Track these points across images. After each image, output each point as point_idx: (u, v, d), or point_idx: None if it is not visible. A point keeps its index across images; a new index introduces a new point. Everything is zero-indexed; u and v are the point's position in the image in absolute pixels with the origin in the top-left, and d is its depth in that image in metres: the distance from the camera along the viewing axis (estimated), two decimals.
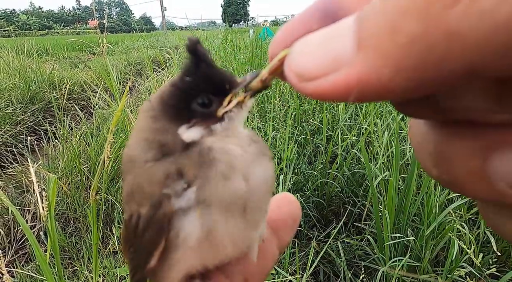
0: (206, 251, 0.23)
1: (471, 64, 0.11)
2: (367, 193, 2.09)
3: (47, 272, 0.74)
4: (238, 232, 0.24)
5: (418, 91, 0.12)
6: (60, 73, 4.88)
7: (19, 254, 1.91)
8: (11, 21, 67.02)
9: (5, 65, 4.54)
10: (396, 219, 1.57)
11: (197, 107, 0.24)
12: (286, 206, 0.30)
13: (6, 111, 3.55)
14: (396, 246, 1.52)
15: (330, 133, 2.69)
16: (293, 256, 1.69)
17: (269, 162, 0.26)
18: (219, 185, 0.22)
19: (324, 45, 0.14)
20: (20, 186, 2.32)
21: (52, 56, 7.76)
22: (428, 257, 1.32)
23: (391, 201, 1.44)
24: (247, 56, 4.43)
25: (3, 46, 6.38)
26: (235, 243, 0.24)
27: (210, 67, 0.24)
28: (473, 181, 0.14)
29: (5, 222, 2.02)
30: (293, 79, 0.15)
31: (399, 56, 0.11)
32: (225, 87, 0.24)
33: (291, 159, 2.13)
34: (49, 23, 76.50)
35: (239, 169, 0.23)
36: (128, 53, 8.39)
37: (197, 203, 0.22)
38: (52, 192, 0.67)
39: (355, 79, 0.12)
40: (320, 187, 2.29)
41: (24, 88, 4.10)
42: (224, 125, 0.24)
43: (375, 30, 0.12)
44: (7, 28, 34.98)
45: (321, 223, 2.18)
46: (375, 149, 2.24)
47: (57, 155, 2.43)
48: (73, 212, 2.07)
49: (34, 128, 3.58)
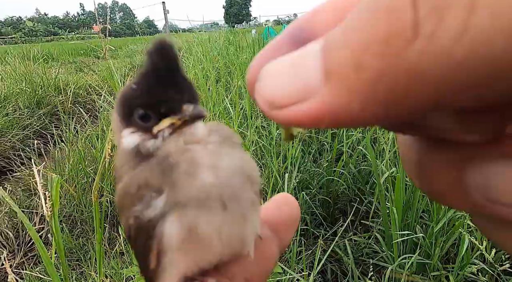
0: (193, 251, 0.23)
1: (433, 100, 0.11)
2: (373, 190, 2.06)
3: (53, 272, 0.74)
4: (223, 228, 0.23)
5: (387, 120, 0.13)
6: (65, 78, 4.95)
7: (28, 256, 1.94)
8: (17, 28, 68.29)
9: (11, 71, 4.62)
10: (404, 216, 1.55)
11: (136, 117, 0.24)
12: (285, 207, 0.30)
13: (14, 116, 3.61)
14: (404, 243, 1.49)
15: (335, 130, 2.67)
16: (300, 254, 1.67)
17: (238, 149, 0.26)
18: (185, 184, 0.22)
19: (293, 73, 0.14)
20: (28, 189, 2.35)
21: (58, 61, 7.87)
22: (438, 254, 1.30)
23: (398, 197, 1.42)
24: (250, 56, 4.42)
25: (10, 53, 6.49)
26: (222, 239, 0.23)
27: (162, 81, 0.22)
28: (452, 193, 0.15)
29: (14, 225, 2.05)
30: (264, 107, 0.15)
31: (364, 91, 0.12)
32: (160, 109, 0.23)
33: (296, 157, 2.12)
34: (54, 29, 77.74)
35: (201, 163, 0.23)
36: (132, 57, 8.46)
37: (170, 207, 0.22)
38: (56, 192, 0.67)
39: (324, 110, 0.13)
40: (326, 185, 2.27)
41: (31, 93, 4.16)
42: (156, 144, 0.24)
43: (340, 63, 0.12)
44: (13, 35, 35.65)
45: (328, 221, 2.16)
46: (381, 146, 2.21)
47: (63, 158, 2.45)
48: (80, 214, 2.09)
49: (41, 132, 3.63)
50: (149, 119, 0.24)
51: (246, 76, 0.18)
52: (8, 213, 2.10)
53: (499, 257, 1.31)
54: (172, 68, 0.23)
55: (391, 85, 0.11)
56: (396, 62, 0.11)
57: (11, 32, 58.46)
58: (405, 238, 1.40)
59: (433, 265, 1.30)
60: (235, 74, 3.49)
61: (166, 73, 0.22)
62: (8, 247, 1.92)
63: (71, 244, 1.88)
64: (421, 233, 1.46)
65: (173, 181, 0.22)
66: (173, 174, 0.22)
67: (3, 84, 4.18)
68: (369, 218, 1.88)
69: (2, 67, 5.06)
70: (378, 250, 1.65)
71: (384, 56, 0.11)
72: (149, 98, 0.23)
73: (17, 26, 72.07)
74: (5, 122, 3.42)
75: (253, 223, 0.25)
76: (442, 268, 1.32)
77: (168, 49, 0.22)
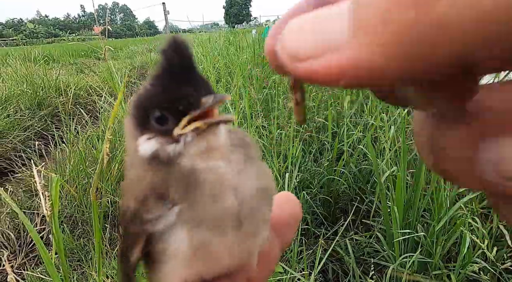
0: (200, 264, 0.23)
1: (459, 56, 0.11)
2: (374, 189, 2.05)
3: (53, 273, 0.74)
4: (234, 244, 0.23)
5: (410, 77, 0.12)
6: (66, 79, 4.96)
7: (29, 257, 1.94)
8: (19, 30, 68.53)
9: (13, 72, 4.63)
10: (405, 215, 1.54)
11: (153, 121, 0.22)
12: (287, 206, 0.29)
13: (15, 117, 3.62)
14: (406, 242, 1.49)
15: (335, 130, 2.66)
16: (300, 254, 1.67)
17: (259, 163, 0.25)
18: (207, 205, 0.22)
19: (319, 26, 0.14)
20: (29, 190, 2.36)
21: (59, 63, 7.89)
22: (439, 252, 1.29)
23: (399, 196, 1.41)
24: (250, 56, 4.42)
25: (11, 55, 6.52)
26: (232, 254, 0.23)
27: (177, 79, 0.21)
28: (465, 171, 0.14)
29: (15, 225, 2.06)
30: (286, 60, 0.15)
31: (392, 44, 0.12)
32: (177, 107, 0.22)
33: (296, 156, 2.11)
34: (55, 31, 77.99)
35: (227, 185, 0.22)
36: (133, 58, 8.48)
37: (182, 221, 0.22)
38: (55, 193, 0.67)
39: (348, 64, 0.13)
40: (326, 184, 2.26)
41: (32, 95, 4.17)
42: (177, 149, 0.22)
43: (370, 16, 0.12)
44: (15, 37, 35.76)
45: (329, 221, 2.15)
46: (382, 144, 2.21)
47: (64, 159, 2.46)
48: (81, 215, 2.09)
49: (42, 133, 3.64)
50: (166, 121, 0.22)
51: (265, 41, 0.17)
52: (10, 214, 2.11)
53: (501, 256, 1.30)
54: (187, 66, 0.22)
55: (418, 38, 0.11)
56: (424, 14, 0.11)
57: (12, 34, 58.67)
58: (406, 237, 1.39)
59: (434, 264, 1.29)
60: (235, 74, 3.49)
61: (181, 70, 0.22)
62: (10, 248, 1.93)
63: (72, 245, 1.88)
64: (422, 232, 1.46)
65: (195, 199, 0.22)
66: (196, 191, 0.22)
67: (4, 86, 4.20)
68: (370, 217, 1.88)
69: (4, 69, 5.08)
70: (379, 249, 1.65)
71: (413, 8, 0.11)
72: (164, 97, 0.22)
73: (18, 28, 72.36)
74: (6, 124, 3.43)
75: (262, 236, 0.25)
76: (443, 267, 1.31)
77: (182, 46, 0.21)
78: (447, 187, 1.43)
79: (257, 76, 3.47)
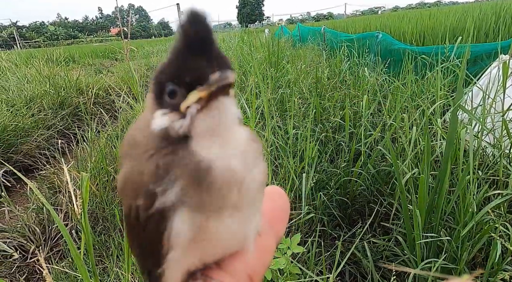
0: (200, 249, 0.23)
1: None
2: (393, 191, 2.00)
3: (81, 268, 0.76)
4: (232, 229, 0.23)
5: None
6: (86, 79, 5.12)
7: (53, 251, 2.01)
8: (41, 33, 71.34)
9: (36, 73, 4.82)
10: (427, 219, 1.49)
11: (165, 95, 0.22)
12: (278, 199, 0.30)
13: (39, 117, 3.77)
14: (428, 247, 1.44)
15: (352, 130, 2.61)
16: (317, 256, 1.65)
17: (263, 162, 0.25)
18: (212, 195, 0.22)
19: None
20: (52, 187, 2.45)
21: (78, 64, 8.15)
22: (465, 258, 1.24)
23: (422, 199, 1.37)
24: (264, 55, 4.41)
25: (34, 56, 6.79)
26: (229, 239, 0.24)
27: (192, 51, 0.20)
28: None
29: (40, 220, 2.14)
30: None
31: None
32: (185, 81, 0.21)
33: (312, 157, 2.09)
34: (74, 33, 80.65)
35: (236, 179, 0.22)
36: (148, 58, 8.64)
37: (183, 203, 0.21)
38: (85, 190, 0.69)
39: None
40: (343, 186, 2.23)
41: (54, 95, 4.33)
42: (184, 124, 0.21)
43: None
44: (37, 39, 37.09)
45: (345, 223, 2.12)
46: (401, 146, 2.15)
47: (85, 157, 2.54)
48: (102, 211, 2.15)
49: (64, 132, 3.77)
50: (176, 95, 0.21)
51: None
52: (35, 210, 2.20)
53: None
54: (204, 38, 0.20)
55: None
56: None
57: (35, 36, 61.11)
58: (428, 240, 1.35)
59: (459, 270, 1.25)
60: (249, 73, 3.50)
61: (197, 43, 0.20)
62: (36, 242, 2.01)
63: (93, 241, 1.94)
64: (445, 236, 1.40)
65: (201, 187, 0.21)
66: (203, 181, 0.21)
67: (29, 86, 4.38)
68: (387, 219, 1.83)
69: (28, 70, 5.30)
70: (399, 253, 1.61)
71: None
72: (176, 70, 0.21)
73: (40, 30, 75.29)
74: (31, 123, 3.58)
75: (256, 222, 0.25)
76: (469, 273, 1.26)
77: (199, 18, 0.20)
78: (473, 190, 1.37)
79: (272, 76, 3.46)
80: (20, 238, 2.00)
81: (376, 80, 3.24)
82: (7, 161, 3.01)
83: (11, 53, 5.97)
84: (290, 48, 6.45)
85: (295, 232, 1.85)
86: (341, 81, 3.69)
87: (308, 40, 7.21)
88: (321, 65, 4.24)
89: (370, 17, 13.21)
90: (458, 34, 4.61)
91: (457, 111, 1.44)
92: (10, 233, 2.04)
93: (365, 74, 3.40)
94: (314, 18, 74.80)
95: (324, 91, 3.41)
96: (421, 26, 5.94)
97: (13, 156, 3.08)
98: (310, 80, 3.69)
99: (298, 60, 4.72)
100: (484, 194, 1.40)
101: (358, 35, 5.06)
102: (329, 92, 3.34)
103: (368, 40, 4.61)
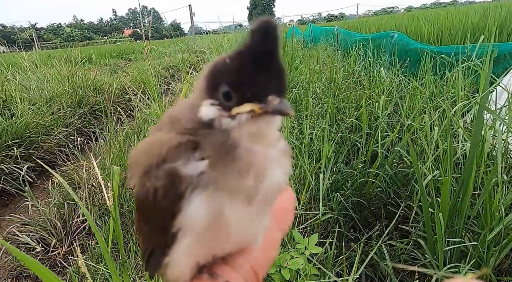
0: (212, 239, 0.24)
1: None
2: (411, 193, 1.96)
3: (109, 261, 0.78)
4: (244, 223, 0.24)
5: None
6: (102, 79, 5.24)
7: (73, 245, 2.07)
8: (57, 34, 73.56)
9: (56, 73, 4.97)
10: (449, 222, 1.45)
11: (219, 93, 0.23)
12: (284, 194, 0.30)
13: (59, 115, 3.89)
14: (450, 251, 1.40)
15: (369, 130, 2.57)
16: (335, 257, 1.63)
17: (288, 160, 0.26)
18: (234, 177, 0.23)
19: None
20: (72, 183, 2.52)
21: (94, 64, 8.35)
22: (492, 264, 1.20)
23: (445, 202, 1.33)
24: None
25: (53, 57, 7.01)
26: (240, 231, 0.24)
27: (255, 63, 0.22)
28: None
29: (61, 215, 2.20)
30: None
31: None
32: (244, 93, 0.22)
33: (328, 157, 2.07)
34: (89, 34, 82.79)
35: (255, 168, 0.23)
36: (161, 59, 8.77)
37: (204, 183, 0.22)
38: (116, 183, 0.71)
39: None
40: (359, 187, 2.19)
41: (73, 94, 4.46)
42: (231, 124, 0.23)
43: None
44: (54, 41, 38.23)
45: (361, 224, 2.09)
46: (420, 147, 2.10)
47: (103, 154, 2.60)
48: (120, 207, 2.20)
49: (82, 130, 3.87)
50: (230, 99, 0.23)
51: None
52: (56, 205, 2.26)
53: None
54: (269, 52, 0.22)
55: None
56: None
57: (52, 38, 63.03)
58: (455, 246, 1.31)
59: (486, 276, 1.21)
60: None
61: (262, 56, 0.22)
62: (56, 236, 2.07)
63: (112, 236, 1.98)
64: (469, 241, 1.36)
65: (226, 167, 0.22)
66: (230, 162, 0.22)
67: (49, 85, 4.52)
68: (405, 222, 1.79)
69: (47, 70, 5.47)
70: (418, 256, 1.57)
71: None
72: (237, 78, 0.22)
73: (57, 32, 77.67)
74: (51, 120, 3.70)
75: (266, 218, 0.26)
76: (496, 279, 1.22)
77: (271, 31, 0.21)
78: (500, 193, 1.33)
79: None
80: (42, 232, 2.06)
81: (392, 81, 3.19)
82: (29, 157, 3.11)
83: (32, 54, 6.18)
84: (302, 49, 6.42)
85: (311, 232, 1.84)
86: (355, 81, 3.64)
87: (320, 40, 7.16)
88: (335, 65, 4.20)
89: (383, 17, 13.01)
90: (478, 33, 4.48)
91: (483, 112, 1.39)
92: (33, 226, 2.10)
93: (381, 74, 3.34)
94: (325, 18, 74.18)
95: (338, 92, 3.38)
96: (438, 26, 5.80)
97: (35, 152, 3.18)
98: (324, 81, 3.66)
99: (311, 61, 4.69)
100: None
101: (373, 35, 4.98)
102: (344, 93, 3.30)
103: (383, 40, 4.54)
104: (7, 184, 2.74)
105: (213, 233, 0.23)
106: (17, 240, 1.99)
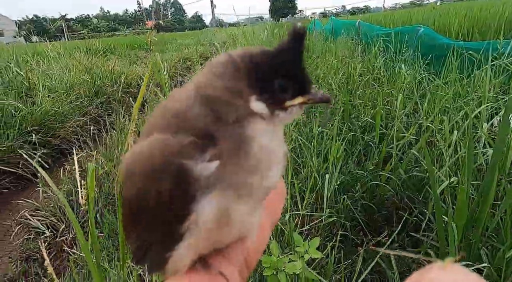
0: (218, 233, 0.24)
1: None
2: (426, 199, 1.83)
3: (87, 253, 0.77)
4: (244, 216, 0.25)
5: None
6: (120, 69, 5.35)
7: None
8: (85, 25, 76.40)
9: (77, 63, 5.13)
10: (464, 233, 1.33)
11: (275, 86, 0.24)
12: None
13: (76, 104, 4.02)
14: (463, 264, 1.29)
15: (383, 130, 2.44)
16: (337, 263, 1.56)
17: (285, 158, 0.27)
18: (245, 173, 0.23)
19: None
20: (83, 171, 2.59)
21: (115, 55, 8.57)
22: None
23: (461, 211, 1.22)
24: None
25: (78, 47, 7.25)
26: (240, 226, 0.25)
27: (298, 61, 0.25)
28: None
29: (69, 202, 2.27)
30: None
31: None
32: (305, 87, 0.25)
33: (338, 157, 1.97)
34: (115, 25, 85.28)
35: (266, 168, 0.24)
36: (180, 50, 8.85)
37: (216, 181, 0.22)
38: (91, 180, 0.69)
39: None
40: (370, 190, 2.09)
41: (91, 83, 4.58)
42: (283, 117, 0.25)
43: None
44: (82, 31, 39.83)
45: (370, 229, 1.99)
46: (438, 150, 1.95)
47: (113, 144, 2.64)
48: None
49: (97, 119, 3.97)
50: (286, 92, 0.25)
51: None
52: (66, 192, 2.33)
53: None
54: (302, 53, 0.25)
55: None
56: None
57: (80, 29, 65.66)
58: (465, 263, 1.20)
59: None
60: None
61: (300, 56, 0.25)
62: (65, 222, 2.14)
63: (114, 226, 2.01)
64: (485, 256, 1.24)
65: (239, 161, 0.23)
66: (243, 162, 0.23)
67: (69, 75, 4.67)
68: (417, 230, 1.68)
69: (70, 60, 5.66)
70: None
71: None
72: (292, 72, 0.25)
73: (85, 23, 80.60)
74: (69, 109, 3.82)
75: (260, 212, 0.27)
76: None
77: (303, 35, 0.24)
78: None
79: None
80: (52, 217, 2.14)
81: (413, 78, 2.99)
82: (47, 144, 3.24)
83: (56, 44, 6.41)
84: (321, 42, 6.22)
85: (316, 235, 1.77)
86: (374, 78, 3.46)
87: (341, 34, 6.90)
88: (353, 60, 4.02)
89: (411, 10, 12.34)
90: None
91: (509, 115, 1.25)
92: (43, 211, 2.18)
93: (401, 70, 3.15)
94: (349, 11, 71.69)
95: (355, 88, 3.23)
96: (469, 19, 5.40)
97: (52, 139, 3.31)
98: (340, 76, 3.51)
99: (329, 55, 4.52)
100: None
101: (396, 29, 4.71)
102: (361, 90, 3.15)
103: (408, 34, 4.28)
104: (25, 169, 2.87)
105: (219, 229, 0.24)
106: (28, 224, 2.07)
